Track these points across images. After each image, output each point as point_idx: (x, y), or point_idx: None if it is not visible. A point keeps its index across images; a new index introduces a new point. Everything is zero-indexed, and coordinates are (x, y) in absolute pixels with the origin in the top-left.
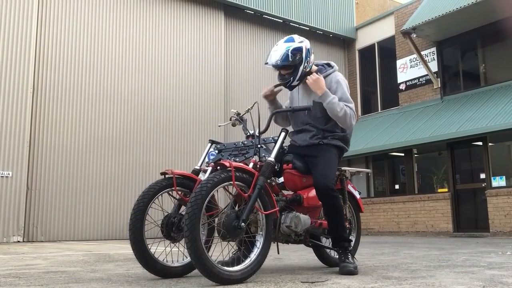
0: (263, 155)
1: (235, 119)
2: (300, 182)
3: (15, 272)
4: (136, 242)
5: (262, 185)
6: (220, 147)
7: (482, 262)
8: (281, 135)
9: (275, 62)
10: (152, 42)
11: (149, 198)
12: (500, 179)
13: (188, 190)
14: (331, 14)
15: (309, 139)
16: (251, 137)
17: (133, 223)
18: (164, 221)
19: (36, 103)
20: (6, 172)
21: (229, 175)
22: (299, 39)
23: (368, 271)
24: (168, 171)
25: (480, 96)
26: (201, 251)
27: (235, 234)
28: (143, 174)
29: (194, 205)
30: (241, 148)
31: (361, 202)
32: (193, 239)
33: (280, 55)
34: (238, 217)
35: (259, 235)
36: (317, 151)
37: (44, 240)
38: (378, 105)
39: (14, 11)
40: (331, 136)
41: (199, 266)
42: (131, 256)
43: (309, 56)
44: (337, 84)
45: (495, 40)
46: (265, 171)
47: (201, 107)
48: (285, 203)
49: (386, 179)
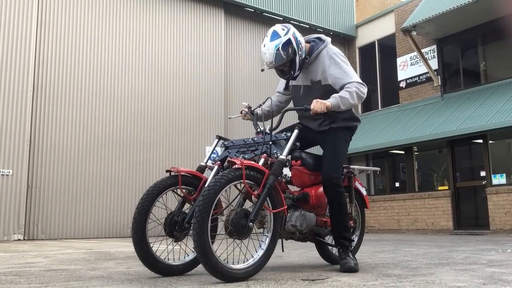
0: (274, 151)
1: (246, 113)
2: (308, 179)
3: (16, 270)
4: (139, 241)
5: (272, 184)
6: (227, 144)
7: (483, 259)
8: (294, 132)
9: (270, 65)
10: (152, 40)
11: (153, 197)
12: (500, 177)
13: (192, 188)
14: (331, 11)
15: (318, 126)
16: (261, 133)
17: (136, 222)
18: (167, 220)
19: (36, 101)
20: (7, 170)
21: (240, 174)
22: (283, 31)
23: (369, 268)
24: (174, 169)
25: (481, 94)
26: (207, 246)
27: (243, 232)
28: (143, 172)
29: (206, 199)
30: (250, 145)
31: (367, 199)
32: (201, 232)
33: (272, 56)
34: (247, 216)
35: (265, 235)
36: (327, 138)
37: (45, 238)
38: (378, 103)
39: (14, 11)
40: (340, 118)
41: (204, 260)
42: (132, 254)
43: (300, 42)
44: (330, 59)
45: (495, 37)
46: (276, 170)
47: (201, 105)
48: (291, 201)
49: (387, 177)
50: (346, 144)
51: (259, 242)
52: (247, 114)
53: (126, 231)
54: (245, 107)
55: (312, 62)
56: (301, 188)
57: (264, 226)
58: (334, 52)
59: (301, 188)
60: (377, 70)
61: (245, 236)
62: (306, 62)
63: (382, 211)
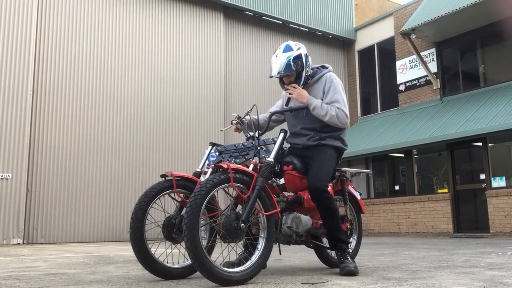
0: (263, 156)
1: (236, 123)
2: (300, 183)
3: (15, 274)
4: (137, 241)
5: (261, 186)
6: (221, 149)
7: (483, 262)
8: (280, 136)
9: (278, 73)
10: (151, 43)
11: (150, 198)
12: (500, 180)
13: (189, 192)
14: (330, 15)
15: (307, 141)
16: (251, 139)
17: (134, 221)
18: (165, 222)
19: (36, 104)
20: (6, 174)
21: (227, 177)
22: (296, 46)
23: (369, 272)
24: (168, 173)
25: (480, 97)
26: (200, 251)
27: (235, 235)
28: (142, 176)
29: (193, 205)
30: (241, 150)
31: (362, 203)
32: (192, 238)
33: (282, 65)
34: (238, 218)
35: (260, 237)
36: (314, 152)
37: (44, 242)
38: (377, 106)
39: (14, 11)
40: (329, 136)
41: (198, 265)
42: (131, 258)
43: (308, 60)
44: (330, 83)
45: (494, 40)
46: (264, 172)
47: (200, 108)
48: (286, 204)
49: (386, 180)
50: (333, 160)
51: (255, 245)
52: (238, 123)
53: (126, 234)
54: (235, 118)
55: (314, 84)
56: (295, 193)
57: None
58: (336, 78)
59: (294, 193)
60: (377, 74)
61: (238, 238)
62: (308, 82)
63: (382, 214)
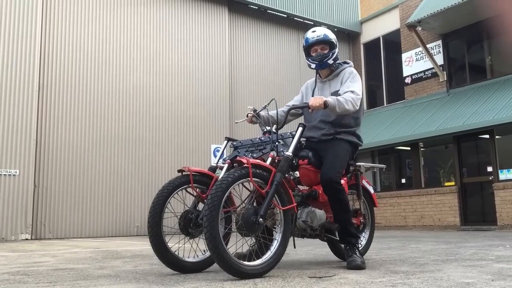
0: (281, 150)
1: (252, 116)
2: (315, 178)
3: (24, 269)
4: (155, 235)
5: (279, 181)
6: (236, 144)
7: (490, 255)
8: (298, 130)
9: (320, 36)
10: (156, 38)
11: (168, 193)
12: (507, 172)
13: (205, 187)
14: (335, 8)
15: (322, 135)
16: (268, 133)
17: (152, 216)
18: (182, 215)
19: (42, 101)
20: (14, 170)
21: (247, 172)
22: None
23: (376, 265)
24: (185, 168)
25: (487, 89)
26: (219, 242)
27: (253, 229)
28: (149, 171)
29: (214, 197)
30: (258, 144)
31: (375, 197)
32: (211, 229)
33: (322, 33)
34: (257, 213)
35: (277, 232)
36: (329, 145)
37: (52, 237)
38: (383, 99)
39: (19, 10)
40: (344, 131)
41: (216, 257)
42: (139, 253)
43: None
44: (350, 74)
45: (501, 32)
46: (283, 167)
47: (206, 103)
48: (301, 198)
49: (393, 173)
50: (347, 153)
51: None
52: (253, 117)
53: (133, 229)
54: (250, 110)
55: (335, 77)
56: (310, 187)
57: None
58: (354, 71)
59: (310, 187)
60: (382, 66)
61: (255, 232)
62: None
63: (388, 208)
